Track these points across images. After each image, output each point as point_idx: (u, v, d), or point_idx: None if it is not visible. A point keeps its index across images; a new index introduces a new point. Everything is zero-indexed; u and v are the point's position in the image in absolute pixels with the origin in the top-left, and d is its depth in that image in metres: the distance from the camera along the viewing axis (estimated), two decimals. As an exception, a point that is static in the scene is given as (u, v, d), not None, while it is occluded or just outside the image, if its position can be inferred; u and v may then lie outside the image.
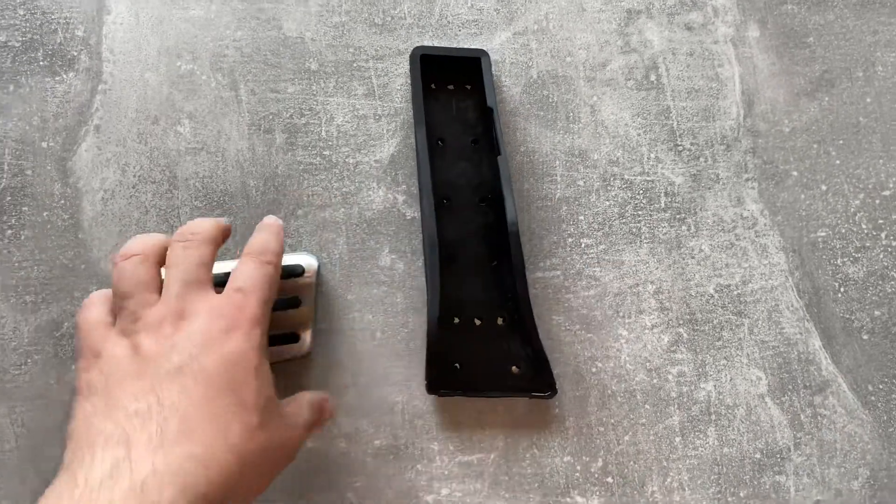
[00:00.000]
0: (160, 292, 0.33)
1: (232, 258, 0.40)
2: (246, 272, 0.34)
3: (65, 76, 0.46)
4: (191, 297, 0.32)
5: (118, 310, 0.33)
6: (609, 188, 0.47)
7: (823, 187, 0.48)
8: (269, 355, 0.33)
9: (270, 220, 0.38)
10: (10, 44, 0.46)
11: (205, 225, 0.35)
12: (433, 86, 0.47)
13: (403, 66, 0.47)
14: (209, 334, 0.31)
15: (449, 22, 0.48)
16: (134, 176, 0.45)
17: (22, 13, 0.46)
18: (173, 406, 0.28)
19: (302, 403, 0.35)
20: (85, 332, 0.33)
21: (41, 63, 0.46)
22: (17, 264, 0.43)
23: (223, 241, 0.36)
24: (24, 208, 0.44)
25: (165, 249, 0.35)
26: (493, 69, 0.47)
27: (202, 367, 0.30)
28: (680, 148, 0.48)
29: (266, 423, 0.30)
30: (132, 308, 0.32)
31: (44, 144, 0.45)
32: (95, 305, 0.34)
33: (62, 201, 0.44)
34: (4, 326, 0.42)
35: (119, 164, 0.45)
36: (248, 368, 0.30)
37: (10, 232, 0.43)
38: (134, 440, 0.27)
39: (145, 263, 0.34)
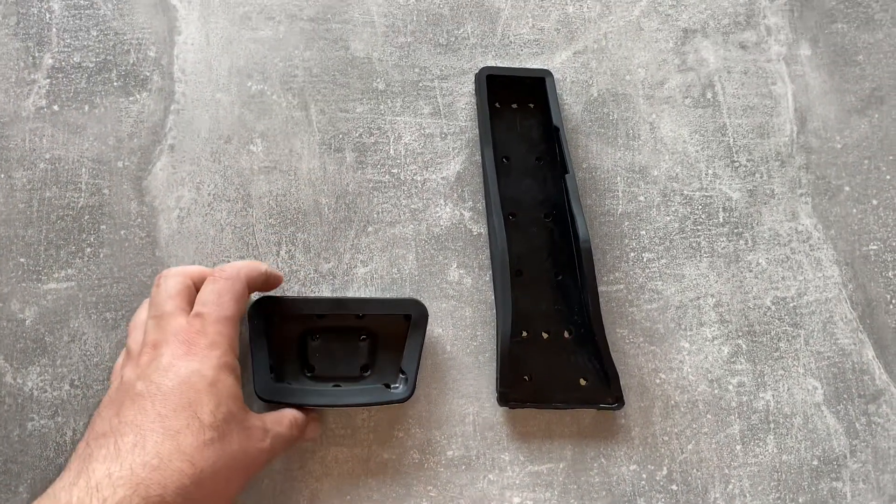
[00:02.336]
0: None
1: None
2: (204, 294, 0.37)
3: (138, 96, 0.47)
4: (162, 327, 0.36)
5: None
6: (669, 203, 0.48)
7: (875, 202, 0.49)
8: (236, 370, 0.36)
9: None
10: (84, 64, 0.47)
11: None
12: (497, 104, 0.48)
13: (468, 86, 0.49)
14: (170, 360, 0.34)
15: (511, 42, 0.49)
16: (209, 194, 0.46)
17: (95, 34, 0.47)
18: (131, 423, 0.32)
19: (282, 419, 0.38)
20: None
21: (115, 84, 0.47)
22: (97, 282, 0.44)
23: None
24: (102, 227, 0.45)
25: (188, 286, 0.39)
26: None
27: (159, 389, 0.33)
28: (736, 164, 0.49)
29: (224, 435, 0.33)
30: (127, 343, 0.38)
31: (119, 164, 0.46)
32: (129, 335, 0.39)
33: (139, 220, 0.45)
34: (86, 343, 0.43)
35: (194, 182, 0.46)
36: (203, 387, 0.33)
37: (89, 250, 0.44)
38: (95, 455, 0.31)
39: (145, 307, 0.39)
